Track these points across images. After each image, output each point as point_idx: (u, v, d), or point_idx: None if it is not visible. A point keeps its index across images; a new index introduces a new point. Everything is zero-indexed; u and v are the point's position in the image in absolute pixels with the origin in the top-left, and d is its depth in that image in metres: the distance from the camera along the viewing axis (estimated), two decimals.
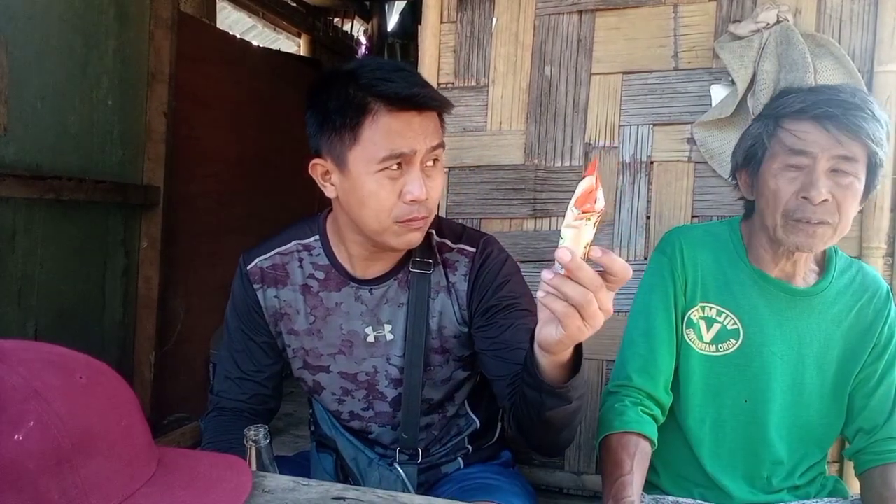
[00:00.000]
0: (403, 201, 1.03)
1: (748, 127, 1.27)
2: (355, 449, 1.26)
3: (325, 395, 1.23)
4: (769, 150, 1.19)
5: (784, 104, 1.17)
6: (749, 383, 1.25)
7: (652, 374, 1.24)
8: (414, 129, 1.02)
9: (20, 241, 1.92)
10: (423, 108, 1.03)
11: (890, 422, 1.23)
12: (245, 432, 0.93)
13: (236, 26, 4.85)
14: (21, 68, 1.87)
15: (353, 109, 1.02)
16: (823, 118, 1.12)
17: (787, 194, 1.15)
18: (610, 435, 1.19)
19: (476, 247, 1.18)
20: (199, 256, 2.84)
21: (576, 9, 1.73)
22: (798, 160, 1.14)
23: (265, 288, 1.20)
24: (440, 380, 1.20)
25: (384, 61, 1.10)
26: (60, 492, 0.62)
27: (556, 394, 0.88)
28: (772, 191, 1.17)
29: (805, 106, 1.14)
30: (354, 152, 1.03)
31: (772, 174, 1.17)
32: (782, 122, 1.17)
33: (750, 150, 1.22)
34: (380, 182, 1.03)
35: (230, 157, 3.06)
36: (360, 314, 1.18)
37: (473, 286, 1.17)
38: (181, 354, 2.74)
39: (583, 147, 1.73)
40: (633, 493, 1.10)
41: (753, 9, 1.59)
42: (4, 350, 0.67)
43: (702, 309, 1.26)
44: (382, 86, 1.01)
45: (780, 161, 1.16)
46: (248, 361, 1.23)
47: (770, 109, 1.21)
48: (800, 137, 1.14)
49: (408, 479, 1.21)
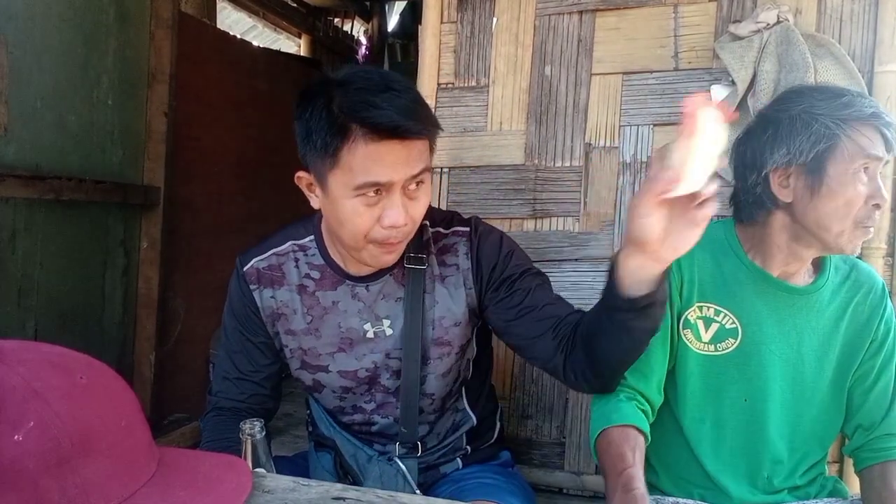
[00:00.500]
0: (381, 226, 1.02)
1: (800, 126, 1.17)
2: (354, 447, 1.26)
3: (326, 392, 1.23)
4: (844, 151, 1.14)
5: (852, 105, 1.15)
6: (748, 382, 1.25)
7: (645, 373, 1.24)
8: (395, 158, 0.99)
9: (20, 241, 1.92)
10: (406, 138, 1.00)
11: (887, 418, 1.24)
12: (241, 426, 0.92)
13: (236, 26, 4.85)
14: (21, 68, 1.87)
15: (332, 132, 0.98)
16: (884, 126, 1.14)
17: (860, 201, 1.14)
18: (608, 429, 1.19)
19: (468, 226, 1.20)
20: (199, 256, 2.85)
21: (576, 9, 1.73)
22: (872, 164, 1.15)
23: (262, 288, 1.20)
24: (440, 373, 1.20)
25: (373, 76, 1.02)
26: (60, 492, 0.62)
27: (647, 304, 0.94)
28: (848, 198, 1.14)
29: (875, 111, 1.14)
30: (334, 174, 1.01)
31: (848, 179, 1.14)
32: (854, 125, 1.14)
33: (822, 150, 1.16)
34: (356, 207, 1.01)
35: (230, 157, 3.06)
36: (358, 311, 1.18)
37: (478, 262, 1.17)
38: (181, 354, 2.74)
39: (583, 147, 1.73)
40: (641, 484, 1.09)
41: (754, 9, 1.59)
42: (4, 350, 0.67)
43: (699, 309, 1.26)
44: (365, 112, 0.96)
45: (856, 164, 1.14)
46: (246, 362, 1.23)
47: (833, 111, 1.16)
48: (873, 142, 1.14)
49: (408, 471, 1.21)
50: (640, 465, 1.13)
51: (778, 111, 1.21)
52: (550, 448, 1.75)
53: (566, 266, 1.73)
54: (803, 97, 1.19)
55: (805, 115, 1.16)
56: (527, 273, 1.17)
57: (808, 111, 1.16)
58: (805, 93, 1.20)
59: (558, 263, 1.73)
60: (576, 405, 1.74)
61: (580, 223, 1.73)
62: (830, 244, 1.17)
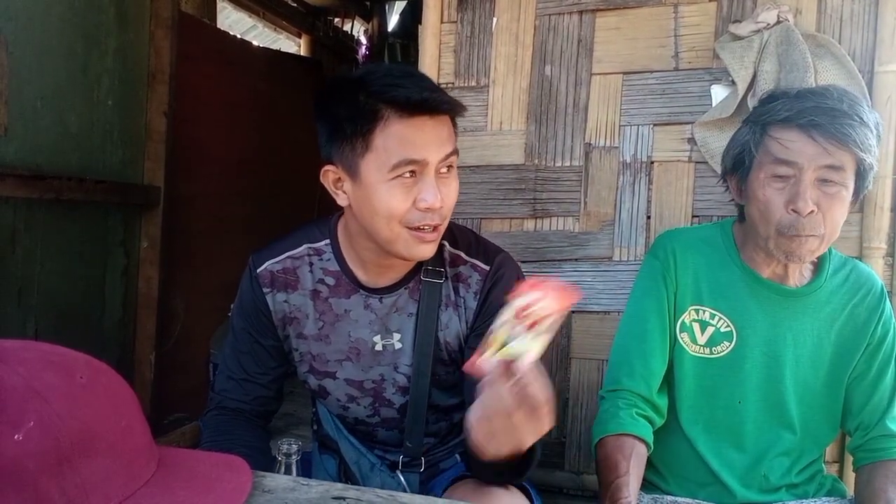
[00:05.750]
0: (417, 208, 1.02)
1: (736, 132, 1.25)
2: (357, 452, 1.26)
3: (331, 399, 1.23)
4: (756, 157, 1.17)
5: (770, 111, 1.15)
6: (743, 384, 1.25)
7: (645, 377, 1.24)
8: (426, 136, 1.01)
9: (20, 241, 1.92)
10: (435, 113, 1.02)
11: (882, 420, 1.24)
12: (278, 446, 0.95)
13: (236, 26, 4.85)
14: (21, 68, 1.86)
15: (363, 117, 1.00)
16: (809, 127, 1.10)
17: (778, 207, 1.13)
18: (605, 437, 1.19)
19: (490, 265, 1.16)
20: (199, 256, 2.84)
21: (576, 9, 1.73)
22: (784, 170, 1.13)
23: (275, 292, 1.18)
24: (449, 385, 1.20)
25: (393, 66, 1.08)
26: (60, 492, 0.62)
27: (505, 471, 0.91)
28: (762, 203, 1.15)
29: (791, 114, 1.12)
30: (366, 160, 1.01)
31: (760, 184, 1.16)
32: (769, 130, 1.16)
33: (738, 156, 1.21)
34: (392, 190, 1.01)
35: (230, 157, 3.06)
36: (369, 322, 1.16)
37: (482, 307, 1.15)
38: (181, 354, 2.74)
39: (583, 147, 1.73)
40: (630, 493, 1.10)
41: (754, 9, 1.59)
42: (4, 350, 0.67)
43: (695, 312, 1.27)
44: (393, 91, 0.99)
45: (766, 170, 1.15)
46: (253, 364, 1.22)
47: (757, 115, 1.19)
48: (786, 147, 1.12)
49: (409, 487, 1.21)
50: (635, 474, 1.14)
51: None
52: (550, 448, 1.74)
53: (566, 266, 1.73)
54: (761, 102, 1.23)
55: (745, 122, 1.23)
56: None
57: (748, 118, 1.23)
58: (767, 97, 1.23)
59: (558, 263, 1.74)
60: (576, 405, 1.74)
61: (580, 223, 1.73)
62: (766, 249, 1.18)
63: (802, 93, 1.17)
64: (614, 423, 1.20)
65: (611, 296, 1.70)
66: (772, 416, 1.26)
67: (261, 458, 1.13)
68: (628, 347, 1.28)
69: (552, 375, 1.74)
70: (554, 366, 1.75)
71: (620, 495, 1.10)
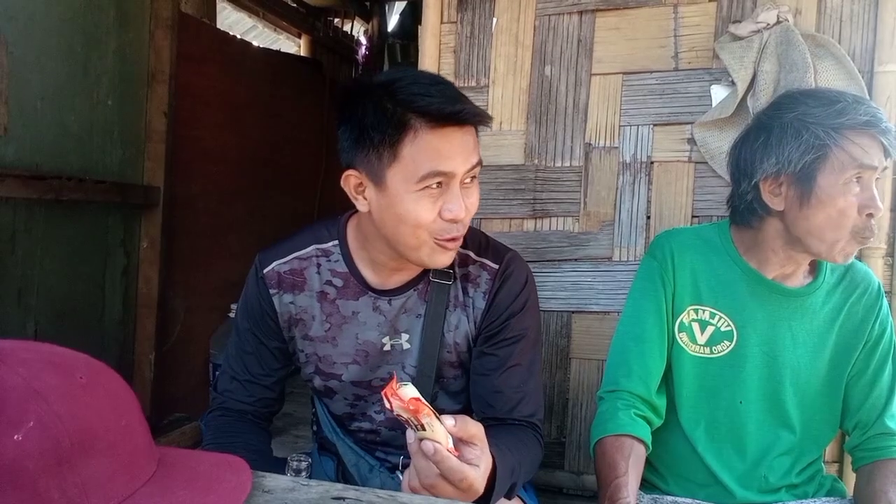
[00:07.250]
0: (443, 218, 1.02)
1: (791, 135, 1.15)
2: (356, 456, 1.26)
3: (337, 398, 1.23)
4: (829, 162, 1.12)
5: (845, 113, 1.12)
6: (743, 384, 1.25)
7: (643, 377, 1.24)
8: (454, 147, 1.00)
9: (20, 241, 1.92)
10: (465, 124, 1.01)
11: (881, 418, 1.24)
12: (288, 461, 0.96)
13: (236, 26, 4.85)
14: (21, 68, 1.86)
15: (391, 126, 0.99)
16: (884, 132, 1.12)
17: (854, 212, 1.12)
18: (604, 438, 1.19)
19: (499, 263, 1.16)
20: (199, 256, 2.84)
21: (576, 9, 1.73)
22: (867, 174, 1.13)
23: (281, 293, 1.17)
24: (455, 391, 1.20)
25: (419, 73, 1.06)
26: (60, 492, 0.62)
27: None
28: (840, 209, 1.12)
29: (870, 119, 1.11)
30: (393, 170, 1.00)
31: (839, 191, 1.12)
32: (848, 134, 1.12)
33: (811, 160, 1.14)
34: (419, 200, 1.01)
35: (230, 157, 3.06)
36: (378, 324, 1.16)
37: (490, 307, 1.15)
38: (181, 354, 2.74)
39: (583, 147, 1.73)
40: (629, 493, 1.11)
41: (753, 9, 1.59)
42: (4, 350, 0.67)
43: (694, 311, 1.27)
44: (422, 101, 0.98)
45: (847, 175, 1.12)
46: (258, 365, 1.21)
47: (825, 119, 1.13)
48: (867, 151, 1.12)
49: None
50: (633, 474, 1.14)
51: (770, 118, 1.19)
52: (550, 448, 1.75)
53: (566, 266, 1.73)
54: (797, 103, 1.17)
55: (797, 122, 1.14)
56: (518, 339, 1.14)
57: (801, 119, 1.14)
58: (800, 98, 1.18)
59: (558, 263, 1.74)
60: (576, 405, 1.75)
61: (580, 223, 1.73)
62: (822, 253, 1.16)
63: (859, 98, 1.16)
64: (613, 424, 1.20)
65: (610, 296, 1.70)
66: (772, 417, 1.26)
67: (263, 460, 1.13)
68: (626, 348, 1.28)
69: (552, 375, 1.75)
70: (554, 366, 1.75)
71: (619, 496, 1.10)
